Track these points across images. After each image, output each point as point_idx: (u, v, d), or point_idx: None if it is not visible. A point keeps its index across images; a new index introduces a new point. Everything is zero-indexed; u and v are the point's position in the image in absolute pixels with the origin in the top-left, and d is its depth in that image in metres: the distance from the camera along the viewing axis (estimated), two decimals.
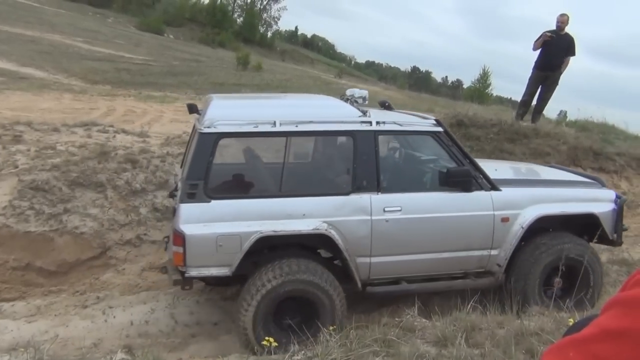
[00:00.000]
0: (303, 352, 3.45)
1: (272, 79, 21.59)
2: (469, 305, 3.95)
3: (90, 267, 5.44)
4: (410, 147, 4.90)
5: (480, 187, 4.51)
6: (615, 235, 4.87)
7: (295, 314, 4.15)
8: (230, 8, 42.53)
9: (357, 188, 4.24)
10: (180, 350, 4.46)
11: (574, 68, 8.69)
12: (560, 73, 8.54)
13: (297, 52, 43.54)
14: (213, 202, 4.00)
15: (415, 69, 66.86)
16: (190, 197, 3.97)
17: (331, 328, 3.68)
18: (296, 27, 54.80)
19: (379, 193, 4.28)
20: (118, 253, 5.54)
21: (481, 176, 4.53)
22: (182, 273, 4.01)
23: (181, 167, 5.34)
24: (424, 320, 3.88)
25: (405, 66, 67.73)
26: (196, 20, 42.81)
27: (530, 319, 3.78)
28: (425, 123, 4.55)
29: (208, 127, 4.01)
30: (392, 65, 67.22)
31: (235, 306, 4.14)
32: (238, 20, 42.95)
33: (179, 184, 4.45)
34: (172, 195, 4.95)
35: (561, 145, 8.54)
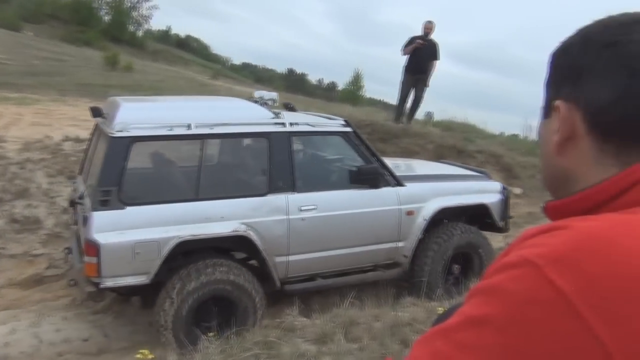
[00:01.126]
0: None
1: (144, 80, 20.68)
2: (347, 302, 4.05)
3: None
4: (322, 147, 5.04)
5: (387, 184, 4.77)
6: (503, 223, 5.38)
7: (215, 316, 4.11)
8: (96, 5, 40.16)
9: (274, 189, 4.30)
10: None
11: (439, 71, 9.41)
12: (429, 76, 9.15)
13: (170, 53, 42.11)
14: (128, 208, 3.85)
15: (291, 71, 67.68)
16: (103, 204, 3.79)
17: (210, 334, 3.65)
18: (169, 27, 53.17)
19: (295, 193, 4.37)
20: None
21: (387, 173, 4.79)
22: (96, 284, 3.81)
23: (80, 173, 5.05)
24: (304, 319, 3.90)
25: (281, 68, 68.38)
26: (58, 17, 39.85)
27: (404, 310, 3.91)
28: (334, 124, 4.72)
29: (120, 132, 3.85)
30: (268, 68, 67.54)
31: (153, 313, 4.00)
32: (105, 18, 40.61)
33: (85, 192, 4.22)
34: (73, 204, 4.66)
35: (428, 144, 9.20)
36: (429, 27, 8.97)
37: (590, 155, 0.70)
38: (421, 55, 8.89)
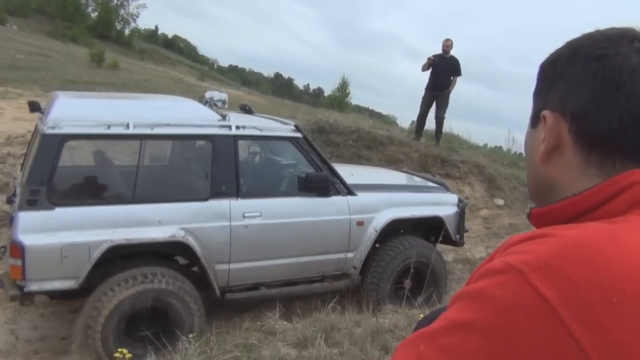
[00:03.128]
0: None
1: (130, 78, 20.52)
2: (329, 307, 4.02)
3: None
4: (270, 152, 4.92)
5: (338, 192, 4.66)
6: (457, 237, 5.29)
7: (151, 324, 3.96)
8: (83, 1, 39.77)
9: (216, 193, 4.17)
10: None
11: (422, 80, 9.38)
12: (449, 92, 9.18)
13: (157, 52, 41.78)
14: (57, 209, 3.70)
15: (278, 76, 67.66)
16: (31, 204, 3.63)
17: (190, 336, 3.59)
18: (156, 27, 52.74)
19: (239, 198, 4.24)
20: None
21: (338, 181, 4.68)
22: (21, 287, 3.64)
23: (21, 170, 4.88)
24: (285, 323, 3.91)
25: (268, 72, 68.55)
26: (44, 11, 39.46)
27: (385, 316, 3.91)
28: (284, 129, 4.60)
29: (52, 128, 3.70)
30: (256, 71, 67.50)
31: (79, 320, 3.84)
32: (92, 14, 40.23)
33: (17, 189, 4.06)
34: (10, 201, 4.49)
35: (413, 153, 9.14)
36: (447, 45, 9.03)
37: (575, 165, 0.72)
38: (441, 72, 8.96)
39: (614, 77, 0.68)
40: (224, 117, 4.35)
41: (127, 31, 41.96)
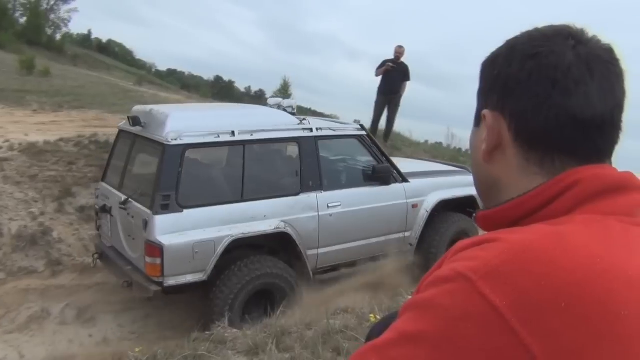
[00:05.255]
0: None
1: (63, 85, 19.71)
2: (279, 311, 4.11)
3: None
4: (340, 149, 5.52)
5: (395, 180, 5.34)
6: None
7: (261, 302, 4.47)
8: (10, 6, 37.99)
9: (305, 188, 4.75)
10: None
11: (366, 82, 9.87)
12: (401, 96, 9.79)
13: (92, 57, 40.42)
14: (185, 211, 4.17)
15: (218, 79, 67.03)
16: (164, 208, 4.08)
17: (137, 350, 3.70)
18: (89, 31, 51.05)
19: (323, 191, 4.84)
20: None
21: (395, 171, 5.36)
22: (159, 283, 4.09)
23: (103, 180, 5.23)
24: (235, 330, 3.87)
25: (208, 75, 67.54)
26: None
27: (336, 317, 3.89)
28: (351, 127, 5.24)
29: (175, 140, 4.15)
30: (195, 74, 66.47)
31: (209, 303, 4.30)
32: (20, 20, 38.53)
33: (132, 197, 4.46)
34: (105, 210, 4.86)
35: None
36: (399, 51, 9.54)
37: (516, 163, 0.72)
38: (393, 77, 9.46)
39: (549, 75, 0.68)
40: (301, 120, 4.92)
41: (58, 36, 40.33)
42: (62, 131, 8.09)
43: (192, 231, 4.17)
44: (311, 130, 4.84)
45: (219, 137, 4.36)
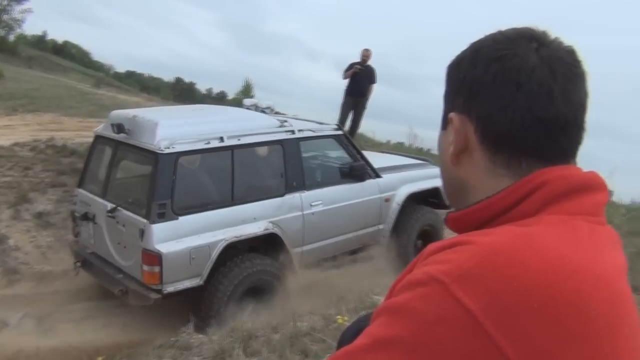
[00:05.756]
0: None
1: (17, 88, 18.67)
2: (247, 314, 4.05)
3: None
4: (318, 148, 5.67)
5: (370, 177, 5.58)
6: (448, 202, 6.47)
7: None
8: None
9: (289, 189, 4.89)
10: None
11: (328, 82, 10.04)
12: (367, 99, 9.95)
13: (47, 59, 37.69)
14: (180, 218, 4.21)
15: (179, 80, 64.73)
16: (160, 216, 4.11)
17: (99, 359, 3.74)
18: (44, 32, 47.49)
19: (305, 191, 5.00)
20: None
21: (370, 168, 5.59)
22: (158, 291, 4.14)
23: (79, 187, 5.12)
24: (200, 336, 3.83)
25: (168, 77, 65.01)
26: None
27: (302, 319, 3.86)
28: (329, 128, 5.41)
29: (168, 148, 4.17)
30: (155, 76, 63.81)
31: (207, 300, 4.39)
32: None
33: (121, 206, 4.44)
34: (86, 217, 4.79)
35: None
36: (366, 55, 9.65)
37: (484, 165, 0.73)
38: (361, 80, 9.60)
39: (513, 78, 0.69)
40: (282, 122, 5.04)
41: (11, 38, 37.35)
42: (16, 135, 7.82)
43: (188, 238, 4.22)
44: (293, 132, 4.97)
45: (209, 143, 4.41)
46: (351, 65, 9.70)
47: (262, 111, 5.23)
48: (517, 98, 0.69)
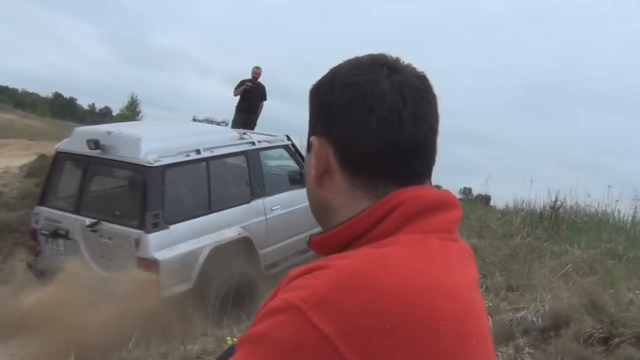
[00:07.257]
0: None
1: None
2: (131, 343, 3.83)
3: None
4: (270, 157, 6.12)
5: None
6: None
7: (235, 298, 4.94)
8: None
9: (254, 195, 5.33)
10: None
11: (217, 97, 10.32)
12: (258, 116, 10.26)
13: None
14: (171, 227, 4.48)
15: (58, 96, 58.50)
16: (154, 226, 4.35)
17: None
18: None
19: (267, 197, 5.46)
20: None
21: None
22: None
23: (41, 204, 5.08)
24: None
25: (46, 92, 58.58)
26: None
27: (194, 342, 3.80)
28: (281, 138, 5.92)
29: (157, 161, 4.42)
30: (30, 91, 57.18)
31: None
32: None
33: (101, 219, 4.56)
34: (56, 234, 4.80)
35: None
36: (257, 72, 9.93)
37: (344, 188, 0.74)
38: (252, 97, 9.86)
39: (366, 103, 0.71)
40: (242, 135, 5.46)
41: None
42: None
43: (179, 244, 4.50)
44: (254, 143, 5.42)
45: (188, 155, 4.72)
46: (242, 83, 9.92)
47: (218, 124, 5.59)
48: (369, 122, 0.71)
